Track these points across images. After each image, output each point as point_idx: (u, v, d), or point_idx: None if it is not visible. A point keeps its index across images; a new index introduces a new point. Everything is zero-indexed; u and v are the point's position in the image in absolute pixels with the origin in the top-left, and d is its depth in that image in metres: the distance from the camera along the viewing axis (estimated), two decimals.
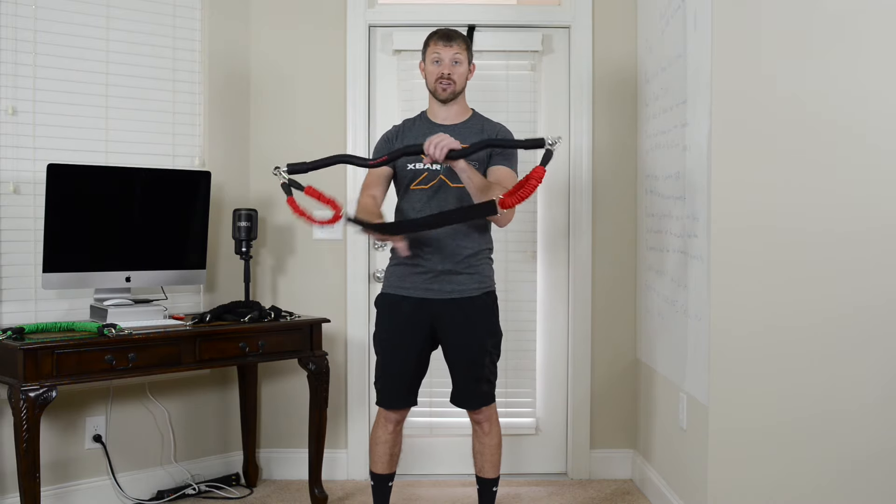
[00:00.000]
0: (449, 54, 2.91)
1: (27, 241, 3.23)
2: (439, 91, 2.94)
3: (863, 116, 2.81)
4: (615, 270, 3.95)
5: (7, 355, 2.84)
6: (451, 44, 2.92)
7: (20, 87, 3.22)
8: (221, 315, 3.38)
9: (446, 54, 2.91)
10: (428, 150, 2.65)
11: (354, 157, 2.89)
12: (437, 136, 2.65)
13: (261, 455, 3.91)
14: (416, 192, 2.93)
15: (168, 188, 3.43)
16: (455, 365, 2.97)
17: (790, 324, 2.82)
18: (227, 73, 3.81)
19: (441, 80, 2.92)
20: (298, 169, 2.71)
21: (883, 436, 2.83)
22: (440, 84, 2.93)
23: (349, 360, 3.92)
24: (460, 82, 2.95)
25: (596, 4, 3.91)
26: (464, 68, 2.94)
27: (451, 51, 2.91)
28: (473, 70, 3.02)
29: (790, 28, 2.81)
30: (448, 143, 2.64)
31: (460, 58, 2.93)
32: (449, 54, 2.91)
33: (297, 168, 2.71)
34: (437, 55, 2.92)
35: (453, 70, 2.92)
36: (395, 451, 3.04)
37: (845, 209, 2.81)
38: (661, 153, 3.46)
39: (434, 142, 2.64)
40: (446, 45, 2.92)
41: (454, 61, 2.92)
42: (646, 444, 3.74)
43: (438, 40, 2.93)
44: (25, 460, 2.78)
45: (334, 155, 2.83)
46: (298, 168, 2.71)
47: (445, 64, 2.92)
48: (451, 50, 2.91)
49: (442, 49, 2.92)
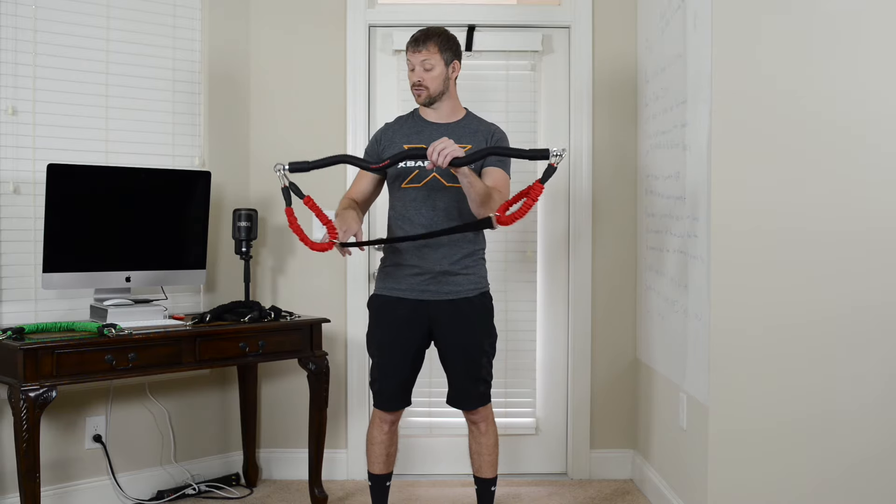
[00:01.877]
0: (418, 60, 2.89)
1: (27, 241, 3.23)
2: (415, 97, 2.94)
3: (863, 116, 2.81)
4: (615, 270, 3.95)
5: (7, 355, 2.84)
6: (419, 49, 2.89)
7: (20, 87, 3.22)
8: (221, 315, 3.38)
9: (416, 60, 2.90)
10: (431, 155, 2.62)
11: (357, 158, 2.88)
12: (442, 143, 2.62)
13: (261, 455, 3.91)
14: (409, 190, 2.91)
15: (168, 188, 3.43)
16: (452, 366, 2.96)
17: (790, 324, 2.82)
18: (227, 73, 3.81)
19: (413, 87, 2.92)
20: (300, 168, 2.68)
21: (883, 436, 2.83)
22: (414, 91, 2.93)
23: (349, 360, 3.92)
24: (434, 86, 2.91)
25: (596, 4, 3.91)
26: (437, 72, 2.90)
27: (419, 56, 2.89)
28: (457, 68, 2.96)
29: (790, 28, 2.81)
30: (452, 152, 2.61)
31: (431, 62, 2.89)
32: (418, 60, 2.89)
33: (299, 167, 2.68)
34: (409, 62, 2.92)
35: (424, 76, 2.89)
36: (391, 451, 3.04)
37: (845, 209, 2.81)
38: (661, 153, 3.46)
39: (438, 148, 2.61)
40: (415, 51, 2.90)
41: (424, 68, 2.89)
42: (646, 444, 3.74)
43: (410, 46, 2.92)
44: (25, 460, 2.78)
45: (337, 155, 2.81)
46: (300, 167, 2.68)
47: (416, 72, 2.90)
48: (419, 56, 2.89)
49: (412, 56, 2.91)
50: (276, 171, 2.67)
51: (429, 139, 2.91)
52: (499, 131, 3.01)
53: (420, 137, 2.93)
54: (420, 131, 2.96)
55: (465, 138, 2.93)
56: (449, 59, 2.92)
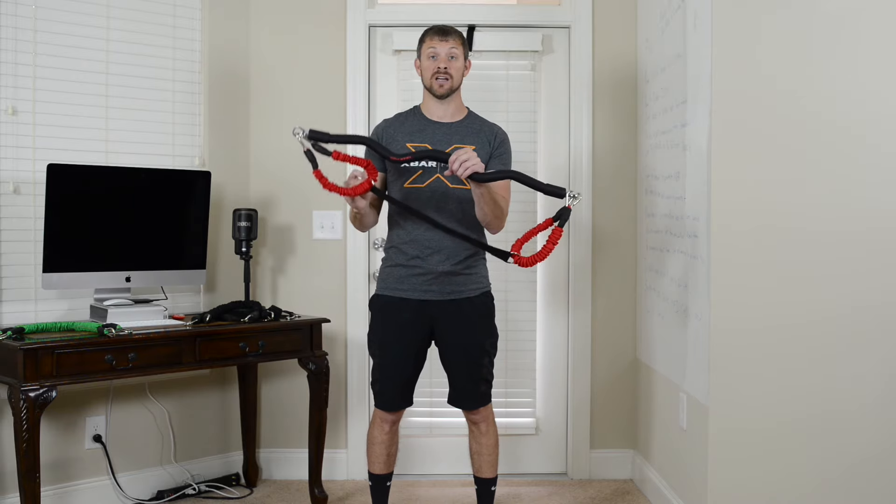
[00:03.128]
0: (445, 49, 2.89)
1: (27, 241, 3.23)
2: (436, 87, 2.91)
3: (863, 116, 2.81)
4: (615, 270, 3.95)
5: (7, 355, 2.84)
6: (447, 38, 2.90)
7: (20, 87, 3.22)
8: (221, 315, 3.38)
9: (442, 49, 2.89)
10: (453, 165, 2.61)
11: (379, 144, 2.78)
12: (465, 154, 2.60)
13: (261, 455, 3.91)
14: (412, 190, 2.88)
15: (168, 188, 3.43)
16: (454, 366, 2.96)
17: (790, 324, 2.82)
18: (227, 72, 3.81)
19: (438, 74, 2.89)
20: (319, 137, 2.58)
21: (883, 436, 2.83)
22: (437, 79, 2.90)
23: (349, 360, 3.92)
24: (457, 77, 2.92)
25: (596, 4, 3.91)
26: (460, 63, 2.92)
27: (446, 45, 2.89)
28: (469, 67, 3.00)
29: (790, 28, 2.81)
30: (474, 166, 2.60)
31: (456, 52, 2.90)
32: (445, 49, 2.89)
33: (319, 136, 2.58)
34: (433, 50, 2.90)
35: (450, 64, 2.89)
36: (392, 451, 3.04)
37: (845, 209, 2.81)
38: (661, 153, 3.46)
39: (461, 159, 2.59)
40: (442, 39, 2.90)
41: (450, 56, 2.89)
42: (646, 444, 3.74)
43: (434, 35, 2.92)
44: (25, 460, 2.78)
45: (360, 135, 2.72)
46: (320, 136, 2.58)
47: (442, 58, 2.89)
48: (446, 45, 2.89)
49: (438, 44, 2.90)
50: (294, 134, 2.56)
51: (431, 138, 2.91)
52: (501, 133, 3.00)
53: (423, 136, 2.93)
54: (423, 129, 2.95)
55: (468, 138, 2.92)
56: (466, 54, 2.97)
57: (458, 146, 2.82)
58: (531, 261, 2.64)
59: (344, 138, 2.63)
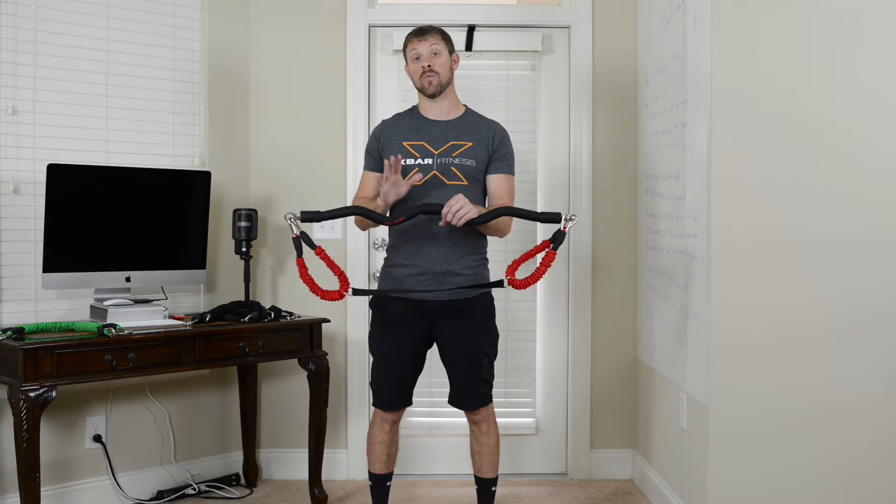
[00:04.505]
0: (426, 47, 2.91)
1: (27, 241, 3.23)
2: (426, 86, 2.93)
3: (863, 116, 2.81)
4: (615, 270, 3.95)
5: (7, 355, 2.84)
6: (425, 37, 2.92)
7: (20, 87, 3.22)
8: (221, 315, 3.38)
9: (423, 48, 2.91)
10: (446, 216, 2.67)
11: (370, 211, 2.81)
12: (458, 204, 2.66)
13: (261, 455, 3.91)
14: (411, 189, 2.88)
15: (168, 188, 3.43)
16: (454, 366, 2.96)
17: (790, 324, 2.82)
18: (227, 72, 3.81)
19: (424, 73, 2.92)
20: (312, 217, 2.67)
21: (883, 436, 2.83)
22: (425, 78, 2.92)
23: (349, 360, 3.92)
24: (444, 73, 2.93)
25: (596, 4, 3.91)
26: (444, 58, 2.93)
27: (427, 44, 2.92)
28: (458, 60, 3.01)
29: (790, 28, 2.81)
30: (468, 215, 2.66)
31: (438, 48, 2.92)
32: (426, 47, 2.91)
33: (311, 217, 2.67)
34: (415, 51, 2.93)
35: (434, 61, 2.91)
36: (392, 451, 3.04)
37: (845, 209, 2.81)
38: (661, 153, 3.46)
39: (454, 210, 2.66)
40: (421, 39, 2.92)
41: (433, 53, 2.91)
42: (646, 444, 3.74)
43: (413, 37, 2.95)
44: (25, 460, 2.78)
45: (350, 206, 2.81)
46: (312, 217, 2.67)
47: (425, 57, 2.91)
48: (426, 43, 2.92)
49: (418, 44, 2.92)
50: (287, 220, 2.66)
51: (428, 136, 2.92)
52: (500, 131, 3.00)
53: (419, 134, 2.94)
54: (419, 128, 2.96)
55: (465, 135, 2.93)
56: (451, 48, 2.98)
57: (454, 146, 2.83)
58: (524, 283, 2.72)
59: (336, 213, 2.70)
